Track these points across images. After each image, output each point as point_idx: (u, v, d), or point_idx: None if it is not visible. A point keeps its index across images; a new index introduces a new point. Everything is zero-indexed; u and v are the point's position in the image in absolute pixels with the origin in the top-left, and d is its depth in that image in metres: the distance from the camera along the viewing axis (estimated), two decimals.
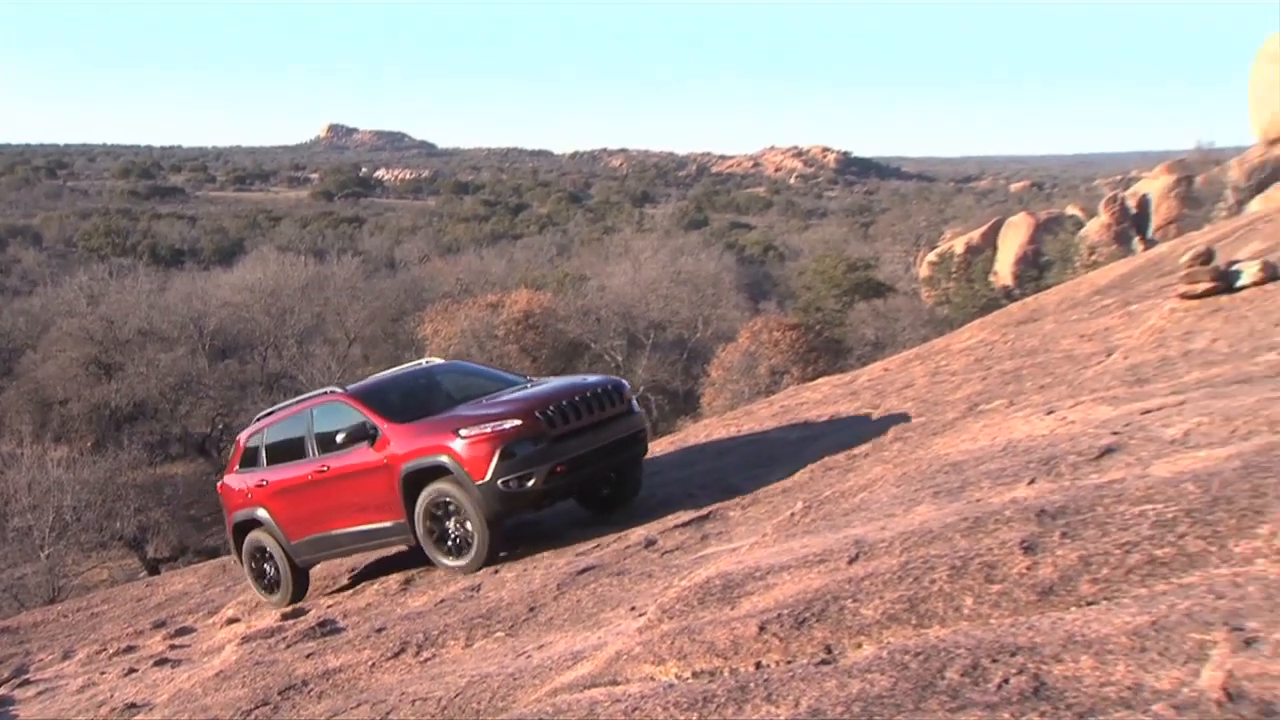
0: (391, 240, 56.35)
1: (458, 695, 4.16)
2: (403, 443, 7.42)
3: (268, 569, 8.74)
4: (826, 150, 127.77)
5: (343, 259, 36.90)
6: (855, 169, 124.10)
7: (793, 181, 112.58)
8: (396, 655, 5.38)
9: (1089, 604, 2.55)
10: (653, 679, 2.84)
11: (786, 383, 20.98)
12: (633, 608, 4.88)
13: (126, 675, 7.59)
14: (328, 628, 6.82)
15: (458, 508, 7.19)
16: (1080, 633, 2.37)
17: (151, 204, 75.06)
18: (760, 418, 11.12)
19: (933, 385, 10.12)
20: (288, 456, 8.34)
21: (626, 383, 8.23)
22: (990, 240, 47.99)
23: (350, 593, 8.21)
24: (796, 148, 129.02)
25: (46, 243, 54.70)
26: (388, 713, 4.35)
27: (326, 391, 8.44)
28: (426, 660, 5.23)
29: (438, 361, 9.69)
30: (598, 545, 6.96)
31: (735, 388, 22.56)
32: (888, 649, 2.57)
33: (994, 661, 2.33)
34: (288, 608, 8.24)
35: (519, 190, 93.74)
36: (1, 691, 8.08)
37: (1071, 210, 49.59)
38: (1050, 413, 5.00)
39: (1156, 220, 41.09)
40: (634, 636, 3.28)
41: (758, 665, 2.71)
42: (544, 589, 5.98)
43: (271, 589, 8.76)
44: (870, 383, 11.57)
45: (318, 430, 8.06)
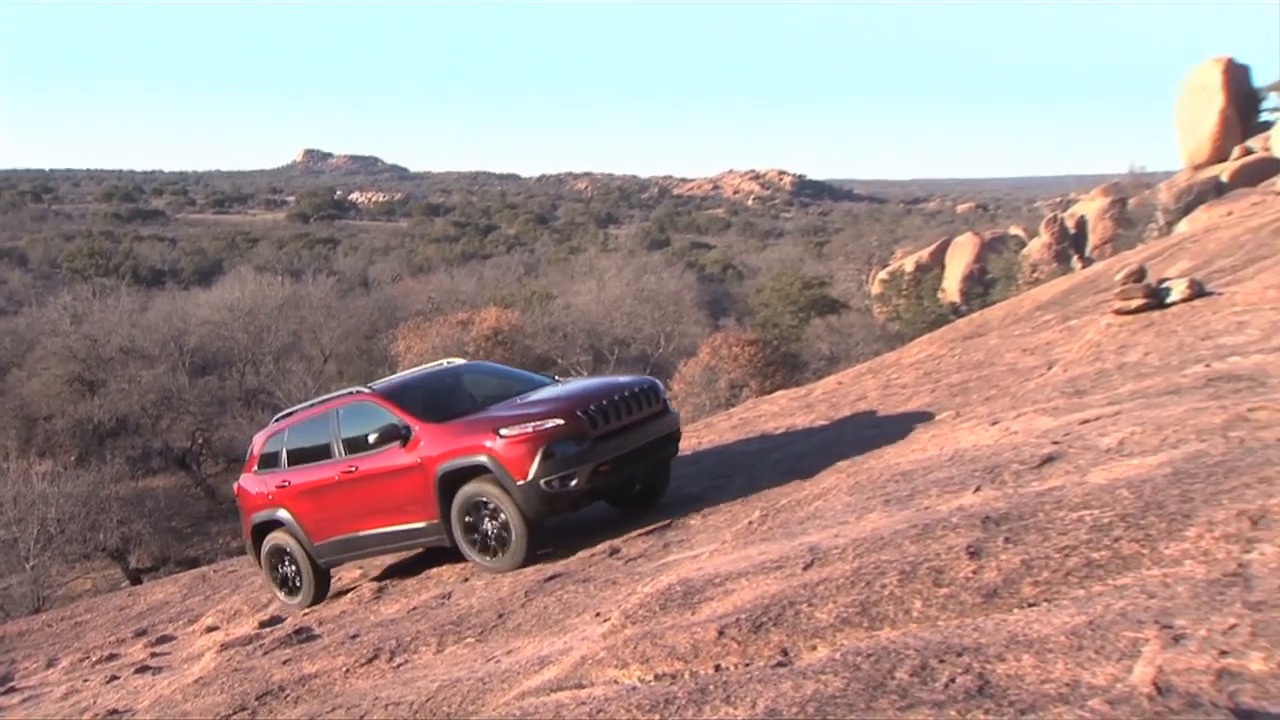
0: (365, 260, 56.82)
1: (429, 699, 4.21)
2: (437, 443, 7.19)
3: (288, 571, 8.33)
4: (782, 173, 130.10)
5: (318, 279, 37.63)
6: (810, 191, 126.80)
7: (750, 203, 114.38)
8: (370, 661, 5.41)
9: (1030, 605, 2.65)
10: (616, 682, 2.89)
11: (745, 396, 21.17)
12: (598, 614, 4.93)
13: (109, 682, 7.61)
14: (304, 635, 6.78)
15: (496, 508, 6.97)
16: (1022, 633, 2.47)
17: (133, 226, 76.55)
18: (720, 429, 11.22)
19: (884, 398, 10.33)
20: (311, 457, 8.02)
21: (660, 383, 8.08)
22: (938, 259, 49.18)
23: (326, 601, 8.15)
24: (754, 171, 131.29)
25: (32, 264, 55.98)
26: (361, 717, 4.38)
27: (353, 391, 8.12)
28: (399, 666, 5.26)
29: (460, 362, 9.31)
30: (564, 554, 7.00)
31: (696, 401, 22.68)
32: (841, 651, 2.65)
33: (941, 662, 2.41)
34: (307, 609, 8.01)
35: (488, 212, 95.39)
36: None
37: (1014, 230, 51.10)
38: (995, 423, 5.14)
39: (1093, 240, 42.50)
40: (599, 641, 3.33)
41: (717, 668, 2.77)
42: (512, 596, 6.02)
43: (292, 591, 8.35)
44: (825, 395, 11.76)
45: (344, 431, 7.78)
